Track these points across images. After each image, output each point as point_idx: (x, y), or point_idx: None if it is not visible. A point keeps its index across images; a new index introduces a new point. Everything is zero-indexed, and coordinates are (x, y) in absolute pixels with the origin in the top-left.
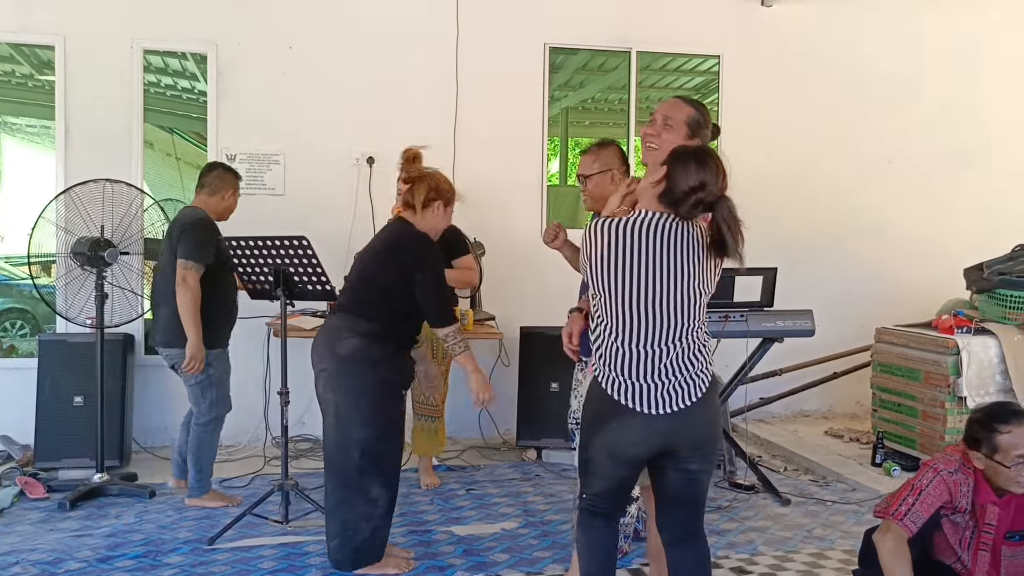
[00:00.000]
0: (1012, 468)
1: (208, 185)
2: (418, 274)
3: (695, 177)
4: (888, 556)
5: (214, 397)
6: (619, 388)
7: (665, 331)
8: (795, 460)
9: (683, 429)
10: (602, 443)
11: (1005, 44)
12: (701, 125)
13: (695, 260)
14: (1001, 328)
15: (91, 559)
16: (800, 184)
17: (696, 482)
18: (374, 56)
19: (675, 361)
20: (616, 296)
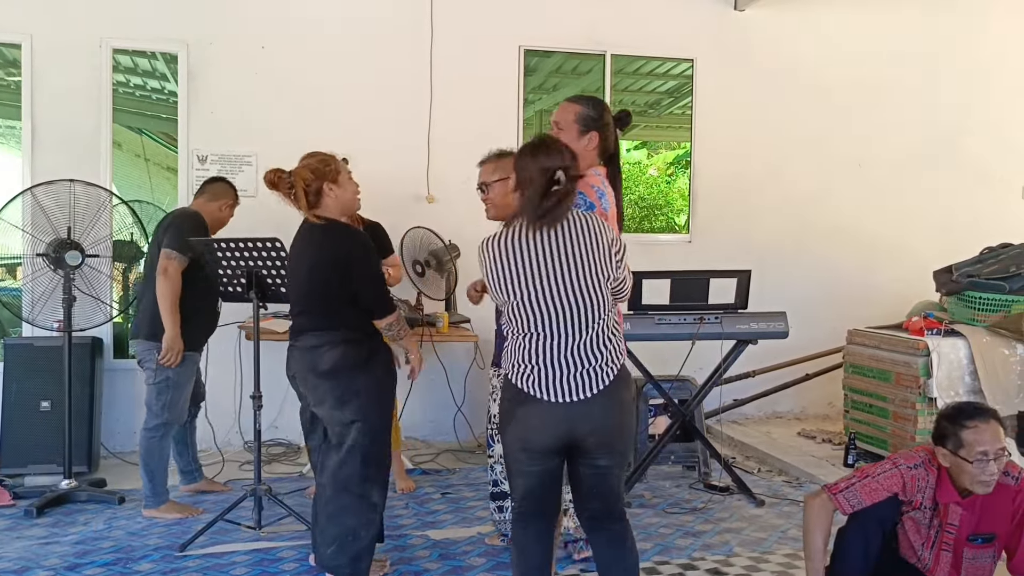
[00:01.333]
0: (974, 464)
1: (209, 191)
2: (354, 267)
3: (536, 168)
4: (808, 520)
5: (168, 400)
6: (524, 377)
7: (564, 321)
8: (769, 461)
9: (587, 418)
10: (513, 436)
11: (970, 49)
12: (593, 119)
13: (582, 249)
14: (970, 329)
15: (59, 567)
16: (773, 187)
17: (607, 476)
18: (348, 57)
19: (578, 351)
20: (516, 298)
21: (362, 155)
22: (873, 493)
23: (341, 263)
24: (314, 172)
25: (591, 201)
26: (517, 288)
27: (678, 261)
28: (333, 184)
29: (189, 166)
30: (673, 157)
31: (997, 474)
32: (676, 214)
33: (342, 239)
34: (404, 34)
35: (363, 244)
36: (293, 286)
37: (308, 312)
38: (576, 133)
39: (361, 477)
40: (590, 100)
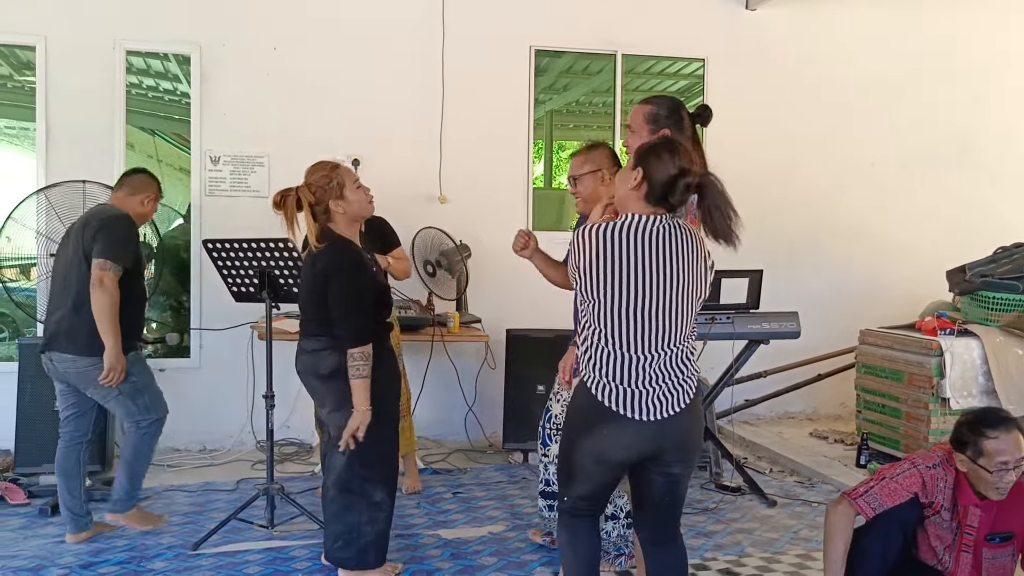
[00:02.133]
0: (994, 474)
1: (128, 185)
2: (331, 283)
3: (672, 165)
4: (829, 527)
5: (148, 401)
6: (609, 393)
7: (656, 336)
8: (780, 462)
9: (670, 435)
10: (590, 448)
11: (984, 49)
12: (661, 117)
13: (687, 263)
14: (984, 329)
15: (73, 565)
16: (785, 187)
17: (677, 485)
18: (359, 58)
19: (664, 367)
20: (607, 301)
21: (374, 156)
22: (893, 494)
23: (320, 282)
24: (317, 194)
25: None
26: (614, 285)
27: None
28: (339, 200)
29: (202, 167)
30: None
31: (1013, 481)
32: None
33: (329, 254)
34: (415, 34)
35: (345, 264)
36: (300, 289)
37: (310, 316)
38: (647, 133)
39: (361, 477)
40: (662, 99)
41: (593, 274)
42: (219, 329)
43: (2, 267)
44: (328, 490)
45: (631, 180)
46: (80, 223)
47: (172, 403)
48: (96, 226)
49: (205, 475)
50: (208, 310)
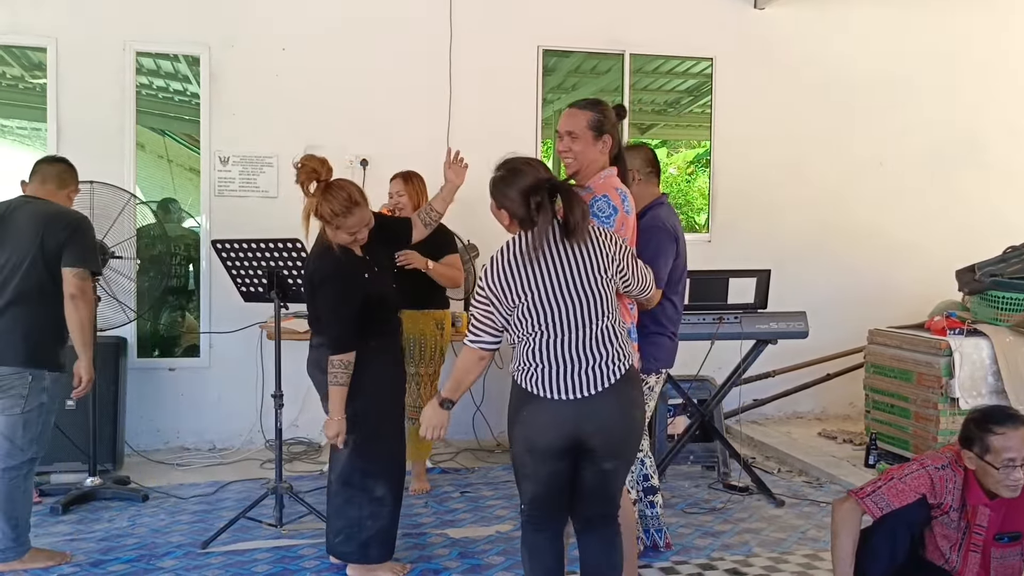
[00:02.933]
0: (1000, 470)
1: (57, 178)
2: (316, 291)
3: (516, 194)
4: (835, 524)
5: (36, 433)
6: (529, 377)
7: (568, 320)
8: (789, 461)
9: (592, 417)
10: (519, 437)
11: (992, 48)
12: (603, 122)
13: (580, 251)
14: (993, 329)
15: (84, 563)
16: (793, 186)
17: (610, 479)
18: (367, 58)
19: (581, 349)
20: (521, 303)
21: (382, 155)
22: (901, 495)
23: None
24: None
25: (615, 204)
26: (523, 291)
27: (698, 261)
28: (329, 228)
29: (211, 167)
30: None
31: (1023, 479)
32: (696, 213)
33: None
34: (424, 35)
35: (323, 273)
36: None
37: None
38: (591, 139)
39: (362, 472)
40: (595, 104)
41: (502, 285)
42: (228, 332)
43: None
44: (331, 484)
45: (504, 219)
46: (32, 219)
47: (182, 402)
48: (65, 228)
49: (214, 474)
50: (217, 310)
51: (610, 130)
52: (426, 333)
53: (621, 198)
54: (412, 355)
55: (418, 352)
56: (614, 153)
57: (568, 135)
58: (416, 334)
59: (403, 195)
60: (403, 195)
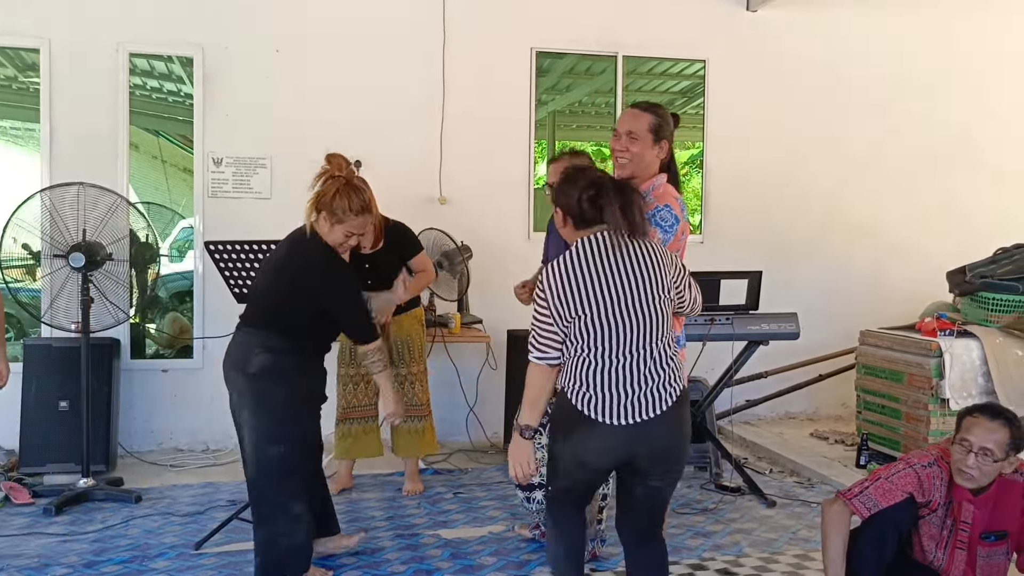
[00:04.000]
0: (955, 447)
1: None
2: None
3: (574, 191)
4: (825, 527)
5: None
6: (584, 399)
7: (626, 341)
8: (780, 462)
9: (645, 441)
10: (569, 452)
11: (985, 48)
12: (662, 127)
13: (641, 268)
14: (983, 330)
15: (77, 564)
16: (785, 187)
17: (658, 496)
18: (361, 60)
19: (637, 369)
20: (579, 317)
21: (375, 157)
22: (888, 494)
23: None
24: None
25: (676, 214)
26: (584, 303)
27: (690, 261)
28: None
29: (205, 168)
30: (687, 157)
31: (975, 470)
32: (690, 214)
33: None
34: (417, 36)
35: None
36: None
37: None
38: (650, 142)
39: (278, 490)
40: (655, 108)
41: (560, 300)
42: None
43: (8, 267)
44: (250, 498)
45: (560, 222)
46: None
47: (176, 404)
48: None
49: (207, 475)
50: (211, 312)
51: (668, 136)
52: (412, 334)
53: (681, 207)
54: (402, 357)
55: (407, 353)
56: (667, 160)
57: (628, 135)
58: (403, 336)
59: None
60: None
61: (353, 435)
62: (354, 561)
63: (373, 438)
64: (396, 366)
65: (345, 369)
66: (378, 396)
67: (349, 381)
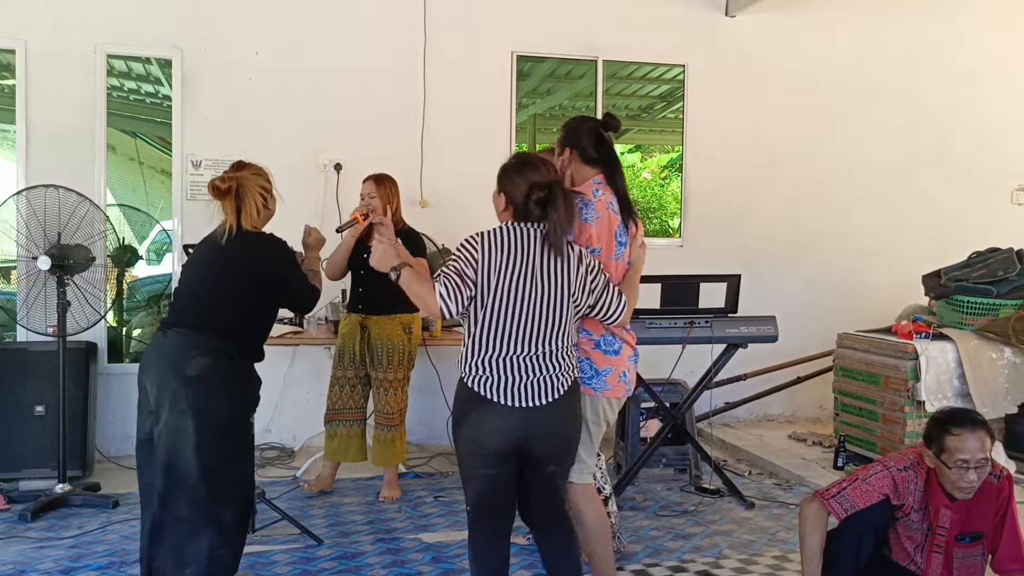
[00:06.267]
0: (953, 470)
1: None
2: (286, 277)
3: (523, 184)
4: (803, 527)
5: None
6: (480, 380)
7: (527, 335)
8: (759, 464)
9: (540, 425)
10: (466, 439)
11: (960, 54)
12: (564, 137)
13: (558, 271)
14: (958, 333)
15: (54, 571)
16: (764, 192)
17: (553, 482)
18: (341, 63)
19: (535, 360)
20: (491, 298)
21: (355, 160)
22: (865, 496)
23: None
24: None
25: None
26: (500, 287)
27: (670, 265)
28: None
29: (183, 171)
30: (667, 160)
31: (978, 483)
32: (670, 217)
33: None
34: (398, 39)
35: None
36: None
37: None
38: (557, 154)
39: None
40: (567, 121)
41: (485, 268)
42: None
43: None
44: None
45: (500, 204)
46: None
47: None
48: None
49: None
50: None
51: (569, 142)
52: (393, 338)
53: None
54: (380, 361)
55: (385, 358)
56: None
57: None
58: (383, 339)
59: (375, 197)
60: (375, 197)
61: (338, 437)
62: (335, 566)
63: (357, 443)
64: (375, 369)
65: (342, 372)
66: (364, 399)
67: (338, 383)
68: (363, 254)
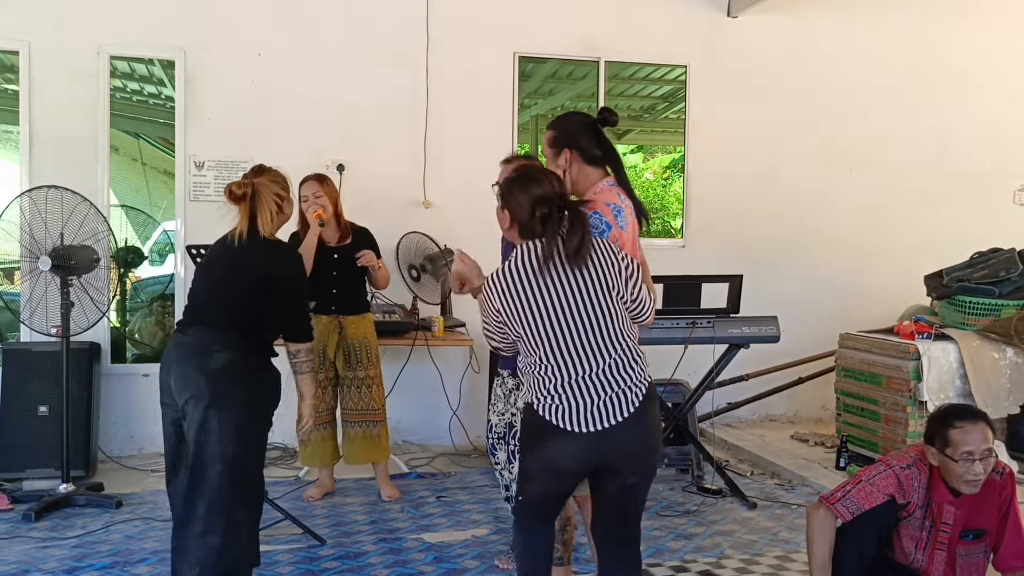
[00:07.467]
0: (960, 463)
1: None
2: (292, 284)
3: (526, 201)
4: (810, 532)
5: None
6: (551, 409)
7: (584, 347)
8: (761, 464)
9: (615, 444)
10: (538, 461)
11: (962, 52)
12: (559, 138)
13: (587, 271)
14: (960, 334)
15: (57, 570)
16: (766, 192)
17: (633, 495)
18: (344, 64)
19: (602, 376)
20: (530, 327)
21: (358, 161)
22: (870, 496)
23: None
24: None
25: (608, 221)
26: (531, 311)
27: (672, 266)
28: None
29: (186, 172)
30: (669, 161)
31: (984, 475)
32: (672, 217)
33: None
34: (400, 41)
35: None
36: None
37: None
38: (552, 156)
39: (246, 502)
40: (557, 121)
41: (511, 309)
42: None
43: None
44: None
45: (504, 221)
46: None
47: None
48: None
49: None
50: None
51: (569, 143)
52: (368, 336)
53: (614, 213)
54: (360, 360)
55: (364, 355)
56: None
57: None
58: (360, 337)
59: (321, 196)
60: (321, 196)
61: (313, 442)
62: (337, 566)
63: (332, 444)
64: (354, 369)
65: None
66: (336, 400)
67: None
68: (333, 255)
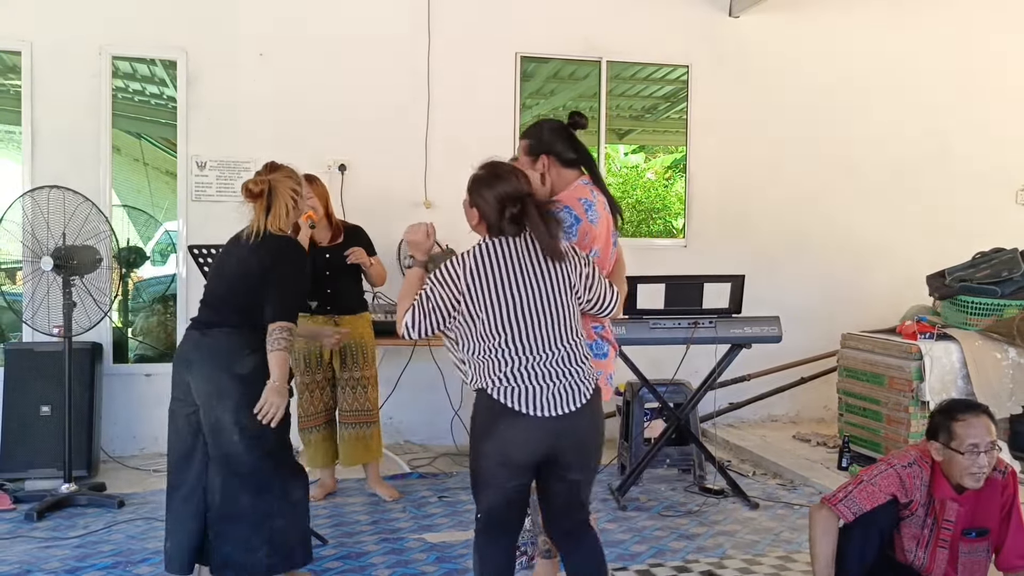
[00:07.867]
0: (965, 455)
1: None
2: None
3: (493, 199)
4: (813, 533)
5: None
6: (506, 392)
7: (541, 336)
8: (763, 464)
9: (568, 433)
10: (492, 451)
11: (964, 51)
12: (534, 145)
13: (548, 269)
14: (962, 334)
15: (59, 570)
16: (768, 192)
17: (578, 489)
18: (345, 64)
19: (557, 364)
20: (494, 317)
21: (360, 161)
22: (872, 496)
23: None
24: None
25: (577, 215)
26: (495, 303)
27: (674, 266)
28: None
29: (188, 172)
30: (671, 161)
31: (988, 468)
32: (674, 217)
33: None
34: (402, 41)
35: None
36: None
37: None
38: (529, 163)
39: (281, 477)
40: (532, 128)
41: (473, 295)
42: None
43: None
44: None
45: (472, 218)
46: None
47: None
48: None
49: None
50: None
51: (544, 149)
52: (365, 336)
53: (584, 207)
54: (356, 361)
55: (361, 356)
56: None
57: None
58: (356, 337)
59: (312, 197)
60: (312, 197)
61: (313, 443)
62: (339, 566)
63: (331, 446)
64: (350, 369)
65: (310, 376)
66: (334, 400)
67: (308, 389)
68: (325, 255)
